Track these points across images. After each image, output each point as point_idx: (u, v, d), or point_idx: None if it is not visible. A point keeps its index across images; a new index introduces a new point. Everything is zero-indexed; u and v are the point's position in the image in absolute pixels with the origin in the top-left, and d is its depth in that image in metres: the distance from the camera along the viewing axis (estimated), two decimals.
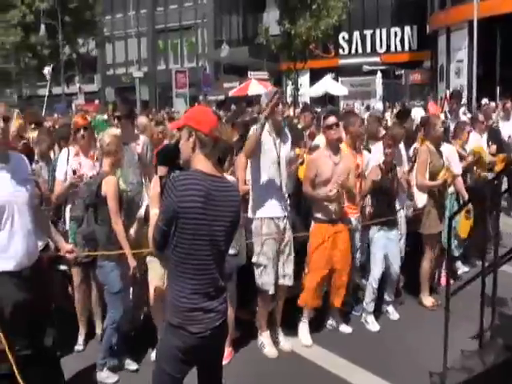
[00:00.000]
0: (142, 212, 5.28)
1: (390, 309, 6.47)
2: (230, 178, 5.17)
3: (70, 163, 5.69)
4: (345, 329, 6.10)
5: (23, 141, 5.71)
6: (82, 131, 5.73)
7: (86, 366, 5.28)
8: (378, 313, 6.39)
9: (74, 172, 5.61)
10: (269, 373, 5.24)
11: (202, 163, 3.17)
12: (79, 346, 5.72)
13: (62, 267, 5.68)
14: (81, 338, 5.76)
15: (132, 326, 5.67)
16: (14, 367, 3.59)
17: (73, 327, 5.78)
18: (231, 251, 5.24)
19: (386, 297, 6.47)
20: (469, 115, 11.88)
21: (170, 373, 3.26)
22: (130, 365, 5.28)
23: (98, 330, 5.80)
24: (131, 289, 5.48)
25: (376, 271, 6.22)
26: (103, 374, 5.08)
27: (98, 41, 45.01)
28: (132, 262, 4.95)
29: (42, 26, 37.29)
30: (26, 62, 42.07)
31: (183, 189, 3.05)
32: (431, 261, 6.79)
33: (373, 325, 6.19)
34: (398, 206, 6.54)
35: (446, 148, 6.98)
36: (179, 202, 3.03)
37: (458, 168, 7.12)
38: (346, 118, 6.60)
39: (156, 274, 5.14)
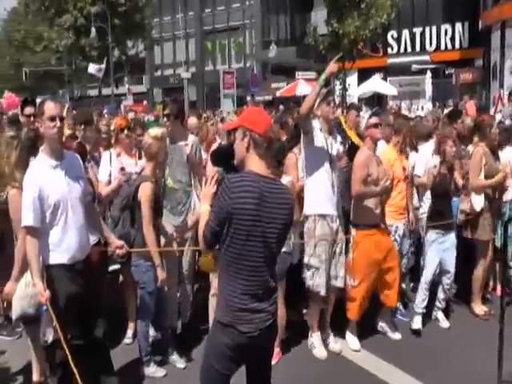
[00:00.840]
0: (197, 211, 5.31)
1: (440, 316, 6.26)
2: (287, 178, 5.20)
3: (112, 165, 5.79)
4: (394, 335, 5.97)
5: (77, 140, 5.81)
6: (125, 131, 5.83)
7: (135, 358, 5.36)
8: (427, 319, 6.22)
9: (123, 169, 5.69)
10: (315, 374, 5.22)
11: (255, 164, 3.19)
12: (128, 339, 5.81)
13: (113, 267, 5.72)
14: (130, 332, 5.85)
15: (179, 322, 5.76)
16: (69, 355, 3.68)
17: (122, 321, 5.89)
18: (284, 249, 5.27)
19: (437, 303, 6.26)
20: None
21: (217, 369, 3.30)
22: (177, 362, 5.33)
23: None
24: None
25: (428, 273, 6.05)
26: (151, 369, 5.14)
27: (147, 43, 45.69)
28: (161, 275, 4.91)
29: (93, 29, 38.18)
30: (77, 63, 43.14)
31: (237, 190, 3.06)
32: (484, 268, 6.55)
33: (416, 324, 6.04)
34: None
35: (508, 151, 6.73)
36: (233, 203, 3.05)
37: None
38: (397, 121, 6.50)
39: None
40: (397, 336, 5.95)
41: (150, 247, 4.88)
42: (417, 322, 6.05)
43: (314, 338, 5.64)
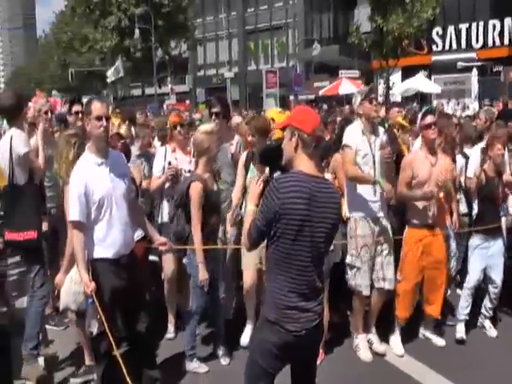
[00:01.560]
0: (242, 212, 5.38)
1: (488, 324, 6.02)
2: (327, 175, 5.21)
3: (167, 160, 5.83)
4: (438, 341, 5.80)
5: (122, 140, 5.95)
6: (178, 128, 5.88)
7: (177, 353, 5.44)
8: (474, 327, 6.02)
9: (169, 163, 5.76)
10: (357, 377, 5.16)
11: (304, 163, 3.20)
12: (170, 334, 5.89)
13: (153, 257, 5.84)
14: (171, 327, 5.93)
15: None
16: (114, 347, 3.78)
17: (163, 316, 5.96)
18: None
19: (484, 311, 6.01)
20: None
21: (262, 366, 3.32)
22: (222, 358, 5.37)
23: None
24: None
25: (471, 280, 5.83)
26: (193, 364, 5.20)
27: (190, 43, 46.10)
28: (203, 275, 4.98)
29: (137, 30, 38.73)
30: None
31: (286, 191, 3.08)
32: None
33: (459, 333, 5.82)
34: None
35: None
36: (282, 203, 3.07)
37: None
38: (441, 121, 6.32)
39: (250, 263, 5.28)
40: (441, 342, 5.78)
41: (196, 244, 4.96)
42: (460, 331, 5.83)
43: (360, 340, 5.58)
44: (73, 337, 5.38)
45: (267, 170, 4.35)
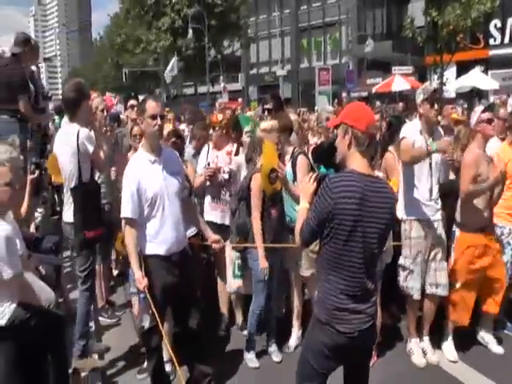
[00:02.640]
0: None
1: None
2: (378, 174, 5.16)
3: (209, 158, 5.91)
4: (496, 349, 5.57)
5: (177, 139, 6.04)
6: (215, 128, 5.99)
7: (229, 350, 5.56)
8: None
9: (209, 164, 5.82)
10: (409, 380, 5.08)
11: (357, 162, 3.16)
12: (222, 332, 5.93)
13: (203, 255, 5.85)
14: (223, 325, 5.98)
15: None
16: (166, 342, 3.82)
17: (216, 313, 6.02)
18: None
19: None
20: None
21: (314, 367, 3.31)
22: (274, 354, 5.41)
23: (238, 320, 6.03)
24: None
25: None
26: (249, 355, 5.29)
27: (243, 42, 46.30)
28: (263, 263, 5.03)
29: (190, 31, 39.15)
30: None
31: (339, 190, 3.04)
32: None
33: None
34: None
35: None
36: (334, 203, 3.03)
37: None
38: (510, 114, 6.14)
39: (309, 262, 5.32)
40: (499, 350, 5.55)
41: (255, 235, 5.06)
42: None
43: (413, 344, 5.48)
44: (125, 329, 5.49)
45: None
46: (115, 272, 7.27)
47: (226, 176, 5.76)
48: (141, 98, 5.26)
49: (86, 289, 5.06)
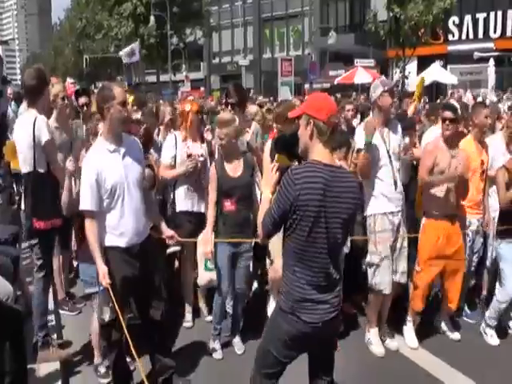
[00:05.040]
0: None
1: None
2: (343, 165, 5.22)
3: (178, 148, 5.78)
4: (454, 335, 5.72)
5: (144, 126, 5.91)
6: (190, 116, 5.76)
7: (193, 342, 5.52)
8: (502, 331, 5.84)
9: (190, 155, 5.69)
10: (370, 369, 5.15)
11: (319, 152, 3.14)
12: (188, 323, 5.90)
13: (173, 249, 5.77)
14: (189, 315, 5.95)
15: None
16: (127, 334, 3.75)
17: (179, 304, 5.98)
18: None
19: None
20: None
21: (274, 354, 3.31)
22: (237, 346, 5.42)
23: (203, 310, 6.06)
24: None
25: (506, 292, 5.48)
26: (214, 346, 5.29)
27: (205, 30, 45.97)
28: (207, 254, 5.10)
29: (152, 18, 38.69)
30: None
31: (302, 181, 3.03)
32: None
33: (492, 338, 5.65)
34: None
35: None
36: (298, 194, 3.01)
37: None
38: (473, 109, 6.23)
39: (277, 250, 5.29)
40: (456, 336, 5.71)
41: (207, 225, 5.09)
42: (492, 336, 5.65)
43: (372, 334, 5.54)
44: (86, 322, 5.40)
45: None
46: (75, 263, 7.11)
47: (202, 159, 5.69)
48: (101, 84, 5.09)
49: (42, 276, 4.97)
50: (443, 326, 5.84)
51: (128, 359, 4.67)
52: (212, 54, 54.81)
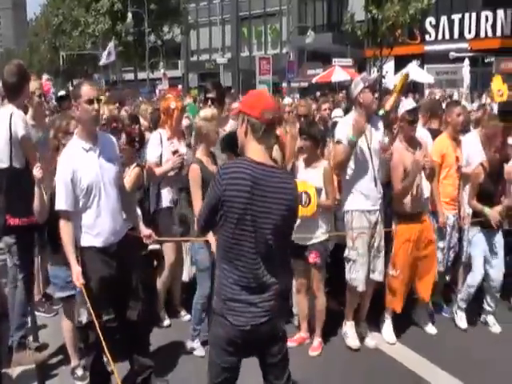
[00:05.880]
0: None
1: (491, 319, 5.95)
2: (324, 162, 5.32)
3: (164, 146, 5.74)
4: (430, 329, 5.83)
5: (137, 125, 5.86)
6: (175, 114, 5.74)
7: (171, 341, 5.50)
8: (471, 315, 6.04)
9: (176, 151, 5.66)
10: (349, 364, 5.21)
11: (253, 150, 3.07)
12: (166, 321, 5.88)
13: (153, 246, 5.66)
14: (164, 314, 5.92)
15: None
16: (101, 337, 3.71)
17: (155, 304, 5.91)
18: (324, 237, 5.28)
19: (487, 306, 5.94)
20: None
21: (216, 361, 3.21)
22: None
23: (180, 309, 6.05)
24: None
25: (475, 277, 5.76)
26: (194, 345, 5.26)
27: (183, 28, 45.77)
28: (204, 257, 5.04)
29: (129, 14, 38.40)
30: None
31: (229, 177, 2.97)
32: None
33: (461, 321, 5.90)
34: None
35: None
36: (224, 190, 2.95)
37: None
38: (446, 108, 6.33)
39: None
40: (433, 330, 5.82)
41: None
42: (461, 319, 5.91)
43: (348, 327, 5.58)
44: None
45: None
46: None
47: (186, 157, 5.67)
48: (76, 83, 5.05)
49: (23, 276, 4.92)
50: (419, 320, 5.93)
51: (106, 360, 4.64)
52: (190, 52, 54.62)
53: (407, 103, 5.61)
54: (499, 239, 5.83)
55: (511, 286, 6.24)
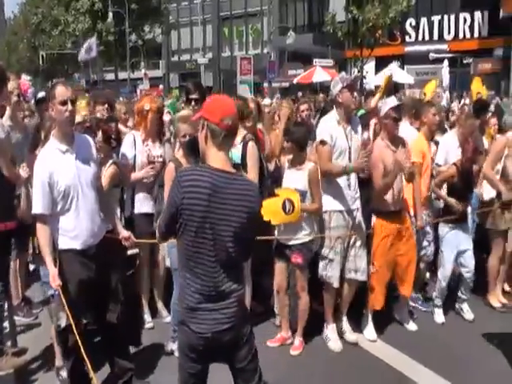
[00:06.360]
0: None
1: (465, 307, 6.17)
2: (310, 164, 5.30)
3: (138, 149, 5.69)
4: (411, 326, 5.91)
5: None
6: (150, 115, 5.68)
7: (153, 343, 5.46)
8: (449, 311, 6.24)
9: (152, 162, 5.65)
10: (331, 363, 5.23)
11: (213, 156, 3.02)
12: (149, 324, 5.86)
13: (133, 251, 5.62)
14: (148, 317, 5.89)
15: None
16: (79, 341, 3.68)
17: (136, 306, 5.89)
18: (308, 238, 5.28)
19: (461, 295, 6.17)
20: None
21: (183, 367, 3.21)
22: None
23: (161, 310, 6.02)
24: None
25: (445, 271, 6.02)
26: (174, 346, 5.17)
27: (164, 28, 45.57)
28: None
29: (110, 14, 38.17)
30: None
31: (187, 185, 2.93)
32: (499, 258, 6.46)
33: (439, 317, 6.06)
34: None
35: None
36: (183, 198, 2.92)
37: None
38: (422, 108, 6.42)
39: None
40: (413, 327, 5.90)
41: None
42: (439, 314, 6.09)
43: (329, 331, 5.61)
44: (43, 328, 5.29)
45: None
46: (32, 267, 6.92)
47: (161, 160, 5.66)
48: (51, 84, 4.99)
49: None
50: (400, 317, 6.00)
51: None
52: (171, 52, 54.40)
53: (391, 101, 5.64)
54: (468, 232, 6.14)
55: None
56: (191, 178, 2.95)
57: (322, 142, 5.28)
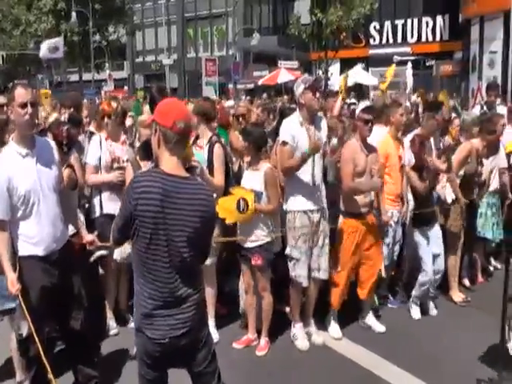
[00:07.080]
0: None
1: (431, 304, 6.34)
2: (266, 165, 5.34)
3: (103, 149, 5.64)
4: (379, 328, 5.90)
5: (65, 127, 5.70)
6: (107, 118, 5.68)
7: (118, 349, 5.37)
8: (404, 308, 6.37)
9: (121, 168, 5.59)
10: (297, 363, 5.25)
11: (165, 161, 2.99)
12: (114, 330, 5.77)
13: (100, 252, 5.49)
14: (113, 323, 5.81)
15: None
16: (41, 350, 3.62)
17: (101, 313, 5.83)
18: (266, 239, 5.27)
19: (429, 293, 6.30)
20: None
21: (141, 373, 3.19)
22: None
23: (127, 317, 5.91)
24: None
25: (427, 275, 6.11)
26: None
27: (128, 28, 45.15)
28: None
29: (73, 14, 37.64)
30: None
31: (140, 191, 2.90)
32: (455, 257, 6.66)
33: (415, 312, 6.20)
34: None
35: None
36: (136, 204, 2.88)
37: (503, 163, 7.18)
38: (389, 108, 6.50)
39: None
40: (381, 329, 5.91)
41: None
42: (415, 310, 6.23)
43: (297, 329, 5.63)
44: (4, 338, 5.14)
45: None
46: None
47: (126, 163, 5.56)
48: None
49: None
50: (366, 319, 6.01)
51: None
52: (135, 53, 53.96)
53: (362, 104, 5.72)
54: (436, 232, 6.25)
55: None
56: (144, 184, 2.92)
57: (284, 143, 5.31)
